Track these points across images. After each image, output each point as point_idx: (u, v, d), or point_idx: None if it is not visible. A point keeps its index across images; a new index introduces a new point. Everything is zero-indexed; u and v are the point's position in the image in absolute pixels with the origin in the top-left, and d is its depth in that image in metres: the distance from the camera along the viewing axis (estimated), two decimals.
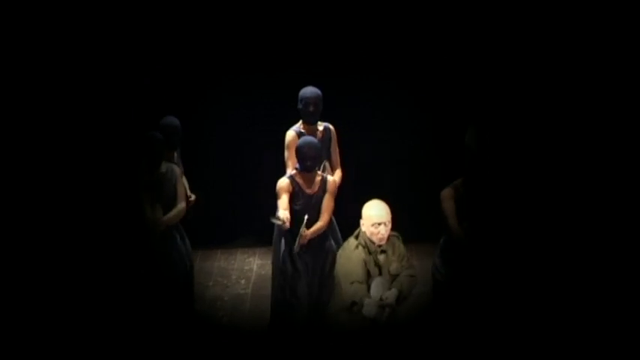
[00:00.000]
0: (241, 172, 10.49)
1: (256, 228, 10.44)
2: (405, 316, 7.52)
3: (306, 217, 7.73)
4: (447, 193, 7.68)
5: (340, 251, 7.64)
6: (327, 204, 7.94)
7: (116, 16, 9.77)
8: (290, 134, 8.36)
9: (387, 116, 10.32)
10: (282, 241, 8.03)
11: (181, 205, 8.14)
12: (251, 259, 10.29)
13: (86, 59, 9.73)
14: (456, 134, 8.42)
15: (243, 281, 9.71)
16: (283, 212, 7.75)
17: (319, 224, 7.89)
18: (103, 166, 9.64)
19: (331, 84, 8.76)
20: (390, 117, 10.31)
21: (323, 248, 8.00)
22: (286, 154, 8.36)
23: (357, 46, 10.19)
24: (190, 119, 9.85)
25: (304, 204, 7.90)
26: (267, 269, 9.87)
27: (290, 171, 8.14)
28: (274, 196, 7.98)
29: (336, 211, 8.08)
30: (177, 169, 8.22)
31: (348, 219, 8.15)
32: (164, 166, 8.15)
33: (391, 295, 7.45)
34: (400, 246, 7.67)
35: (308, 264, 7.95)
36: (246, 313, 8.95)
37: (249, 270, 10.00)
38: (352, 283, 7.41)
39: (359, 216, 7.89)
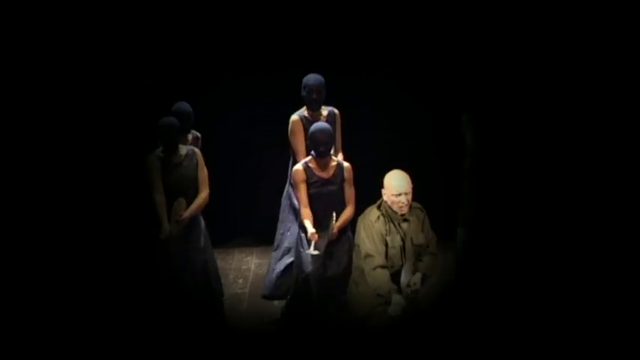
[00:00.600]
0: (240, 171, 10.48)
1: (254, 227, 10.44)
2: (424, 300, 7.53)
3: (334, 214, 7.81)
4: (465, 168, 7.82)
5: (361, 220, 7.57)
6: (350, 194, 8.06)
7: (116, 16, 9.77)
8: (294, 118, 8.45)
9: (387, 116, 10.33)
10: (305, 243, 8.04)
11: (204, 192, 8.09)
12: (249, 258, 10.28)
13: (86, 59, 9.73)
14: (456, 134, 8.46)
15: (240, 281, 9.70)
16: (310, 232, 7.81)
17: (346, 215, 8.00)
18: (103, 167, 9.64)
19: (331, 84, 8.76)
20: (390, 117, 10.32)
21: (342, 239, 8.04)
22: (291, 139, 8.43)
23: (357, 46, 10.19)
24: (216, 118, 9.90)
25: (320, 188, 7.98)
26: (265, 269, 9.87)
27: (300, 157, 8.29)
28: (273, 194, 8.00)
29: None
30: (199, 152, 8.17)
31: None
32: (184, 149, 8.13)
33: (417, 279, 7.45)
34: (426, 219, 7.64)
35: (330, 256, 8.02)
36: (244, 313, 8.95)
37: (246, 269, 9.99)
38: (375, 268, 7.34)
39: (359, 215, 7.89)
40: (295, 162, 8.46)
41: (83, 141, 9.70)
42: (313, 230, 7.81)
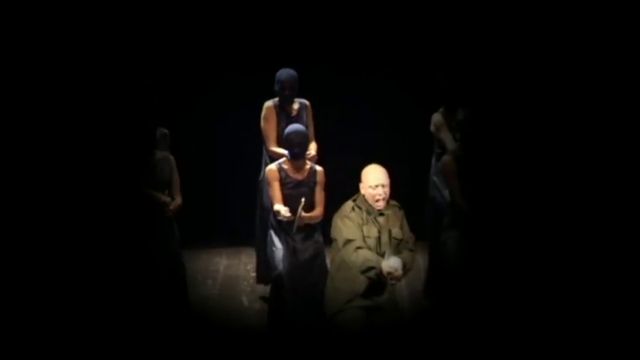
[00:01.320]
0: (215, 171, 10.46)
1: (224, 228, 10.40)
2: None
3: (303, 199, 7.80)
4: (448, 167, 7.93)
5: (337, 215, 7.50)
6: (320, 196, 8.05)
7: (116, 17, 9.78)
8: (268, 104, 8.62)
9: (387, 116, 10.33)
10: (279, 244, 8.04)
11: (179, 198, 8.19)
12: (217, 259, 10.21)
13: (86, 59, 9.74)
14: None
15: (209, 282, 9.66)
16: (284, 212, 7.81)
17: (315, 213, 7.98)
18: (103, 167, 9.64)
19: (331, 84, 8.78)
20: (390, 117, 10.32)
21: (311, 242, 8.04)
22: (263, 125, 8.49)
23: (356, 46, 10.20)
24: (190, 119, 9.89)
25: (292, 190, 7.98)
26: (234, 270, 9.84)
27: (270, 144, 8.43)
28: (245, 194, 7.93)
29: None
30: (173, 158, 8.26)
31: None
32: (158, 153, 8.18)
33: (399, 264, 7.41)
34: (403, 216, 7.62)
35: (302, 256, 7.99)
36: (212, 313, 8.93)
37: (215, 270, 9.93)
38: (356, 249, 7.32)
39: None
40: (267, 149, 8.55)
41: (83, 141, 9.71)
42: (286, 209, 7.81)
